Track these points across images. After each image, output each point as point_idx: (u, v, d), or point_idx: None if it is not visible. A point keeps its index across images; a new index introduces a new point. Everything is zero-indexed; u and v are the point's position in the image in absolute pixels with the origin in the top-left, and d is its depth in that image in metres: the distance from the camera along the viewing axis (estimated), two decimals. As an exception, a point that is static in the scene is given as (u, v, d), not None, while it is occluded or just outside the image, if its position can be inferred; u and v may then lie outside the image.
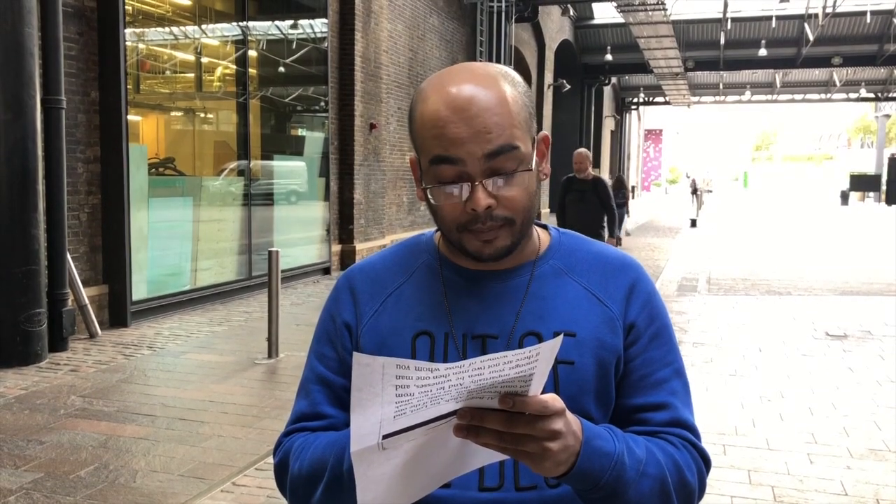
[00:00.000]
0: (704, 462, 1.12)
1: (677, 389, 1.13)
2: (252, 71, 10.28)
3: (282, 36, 11.35)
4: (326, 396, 1.16)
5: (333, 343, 1.18)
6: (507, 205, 1.05)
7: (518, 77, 1.11)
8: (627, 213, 17.50)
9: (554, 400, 0.89)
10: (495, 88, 1.05)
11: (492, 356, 0.83)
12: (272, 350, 6.25)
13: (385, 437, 0.87)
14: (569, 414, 0.93)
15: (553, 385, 1.07)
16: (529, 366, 0.84)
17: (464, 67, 1.08)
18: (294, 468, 1.11)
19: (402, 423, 0.86)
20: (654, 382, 1.12)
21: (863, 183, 42.51)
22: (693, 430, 1.12)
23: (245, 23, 10.00)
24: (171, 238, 8.74)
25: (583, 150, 8.45)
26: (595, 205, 8.16)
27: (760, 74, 36.45)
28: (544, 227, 1.22)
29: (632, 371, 1.12)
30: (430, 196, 1.08)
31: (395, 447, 0.88)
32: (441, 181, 1.05)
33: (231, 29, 10.18)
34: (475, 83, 1.05)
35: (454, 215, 1.07)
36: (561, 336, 0.89)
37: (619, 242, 10.14)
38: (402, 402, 0.84)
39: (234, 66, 10.06)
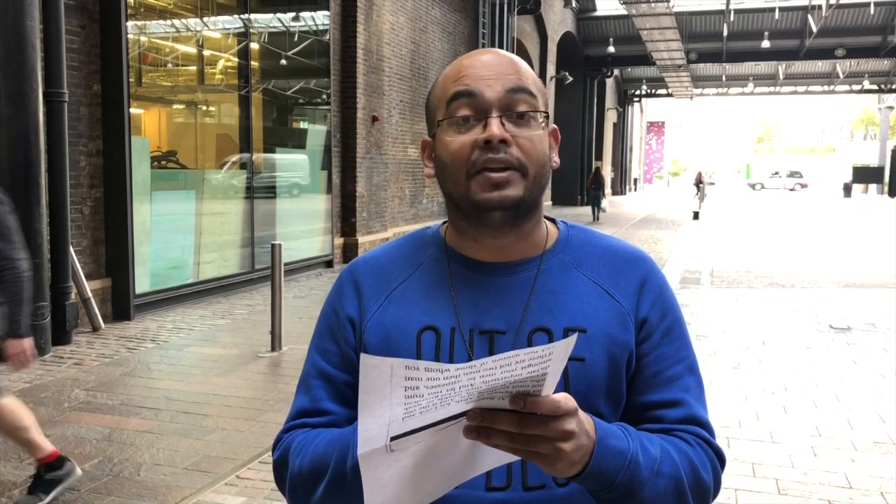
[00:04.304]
0: (719, 460, 1.10)
1: (691, 386, 1.11)
2: (254, 63, 10.26)
3: (284, 28, 11.32)
4: (328, 392, 1.13)
5: (336, 337, 1.15)
6: (521, 146, 1.06)
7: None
8: (603, 194, 21.78)
9: (566, 399, 0.87)
10: (517, 59, 1.13)
11: (503, 356, 0.80)
12: (275, 343, 6.25)
13: (393, 438, 0.85)
14: (581, 413, 0.91)
15: (563, 382, 1.05)
16: (542, 365, 0.82)
17: (484, 48, 1.17)
18: (294, 465, 1.08)
19: (411, 424, 0.84)
20: (667, 379, 1.10)
21: (866, 175, 42.40)
22: (707, 428, 1.10)
23: (247, 15, 9.97)
24: (174, 231, 8.73)
25: None
26: None
27: (763, 66, 36.35)
28: (552, 220, 1.20)
29: (644, 367, 1.10)
30: (442, 138, 1.08)
31: (403, 449, 0.86)
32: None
33: (233, 21, 10.15)
34: (497, 51, 1.13)
35: (465, 155, 1.06)
36: (575, 335, 0.87)
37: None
38: (411, 404, 0.82)
39: (236, 59, 10.03)
